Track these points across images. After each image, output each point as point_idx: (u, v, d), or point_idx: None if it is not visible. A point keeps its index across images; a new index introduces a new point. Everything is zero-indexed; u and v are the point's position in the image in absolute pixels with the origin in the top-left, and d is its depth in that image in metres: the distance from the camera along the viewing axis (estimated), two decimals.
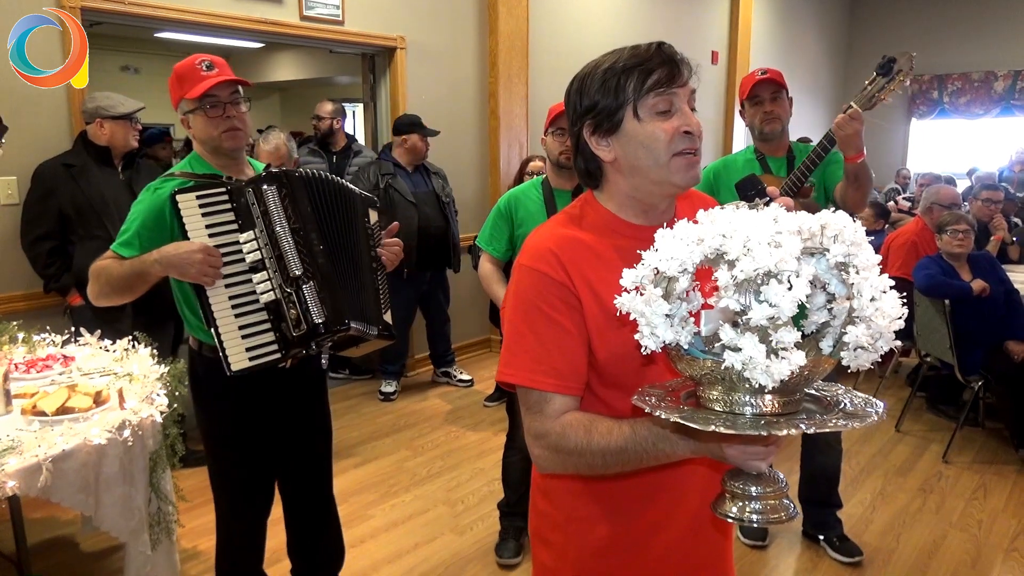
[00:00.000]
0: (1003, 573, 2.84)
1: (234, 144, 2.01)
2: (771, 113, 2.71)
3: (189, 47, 9.46)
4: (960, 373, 3.85)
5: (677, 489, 1.22)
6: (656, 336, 0.94)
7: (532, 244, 1.18)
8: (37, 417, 1.99)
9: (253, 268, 1.90)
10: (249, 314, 1.90)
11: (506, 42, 5.31)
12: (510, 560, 2.85)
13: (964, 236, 3.96)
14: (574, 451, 1.10)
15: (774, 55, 8.62)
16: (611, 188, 1.21)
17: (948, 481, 3.61)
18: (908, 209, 7.09)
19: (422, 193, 4.40)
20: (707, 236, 0.92)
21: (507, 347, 1.17)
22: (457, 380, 4.90)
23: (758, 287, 0.88)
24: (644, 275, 0.95)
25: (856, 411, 0.95)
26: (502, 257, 2.73)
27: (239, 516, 2.23)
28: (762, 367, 0.86)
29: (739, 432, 0.88)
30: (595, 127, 1.16)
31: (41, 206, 3.19)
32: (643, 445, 1.05)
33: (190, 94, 1.94)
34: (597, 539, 1.23)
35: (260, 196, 1.93)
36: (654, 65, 1.12)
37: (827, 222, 0.91)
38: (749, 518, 0.97)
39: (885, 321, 0.88)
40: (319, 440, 2.37)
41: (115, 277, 1.90)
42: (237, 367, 1.87)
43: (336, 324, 1.94)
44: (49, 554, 2.88)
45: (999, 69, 9.84)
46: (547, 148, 2.68)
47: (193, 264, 1.81)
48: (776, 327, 0.87)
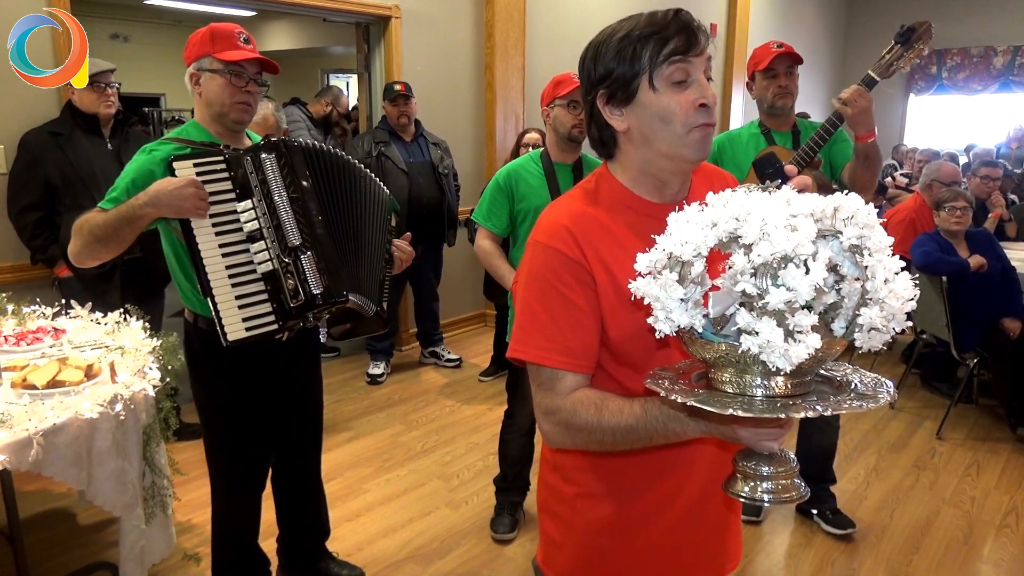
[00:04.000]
0: (995, 549, 2.86)
1: (241, 117, 2.00)
2: (786, 88, 2.67)
3: (180, 15, 9.29)
4: (956, 350, 3.85)
5: (685, 467, 1.21)
6: (671, 320, 0.93)
7: (547, 220, 1.17)
8: (27, 391, 1.96)
9: (251, 238, 1.88)
10: (246, 284, 1.88)
11: (503, 12, 5.21)
12: (505, 535, 2.86)
13: (962, 213, 3.95)
14: (584, 428, 1.10)
15: (773, 28, 8.52)
16: (624, 160, 1.19)
17: (942, 458, 3.63)
18: (906, 185, 7.06)
19: (417, 163, 4.34)
20: (721, 219, 0.91)
21: (519, 324, 1.16)
22: (445, 360, 4.82)
23: (775, 271, 0.87)
24: (658, 259, 0.94)
25: (867, 392, 0.95)
26: (501, 233, 2.69)
27: (235, 489, 2.22)
28: (780, 350, 0.85)
29: (756, 415, 0.87)
30: (609, 96, 1.14)
31: (27, 175, 3.12)
32: (653, 424, 1.04)
33: (222, 55, 1.93)
34: (604, 514, 1.23)
35: (259, 165, 1.90)
36: (671, 33, 1.08)
37: (840, 204, 0.91)
38: (760, 498, 0.97)
39: (898, 303, 0.88)
40: (312, 414, 2.38)
41: (100, 226, 1.85)
42: (234, 337, 1.85)
43: (334, 295, 1.92)
44: (44, 527, 2.87)
45: (999, 44, 9.76)
46: (556, 120, 2.59)
47: (186, 199, 1.79)
48: (793, 311, 0.86)
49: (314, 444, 2.43)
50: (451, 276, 4.98)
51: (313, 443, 2.43)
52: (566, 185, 2.63)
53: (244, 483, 2.23)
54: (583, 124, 2.56)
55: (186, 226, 1.85)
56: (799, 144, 2.71)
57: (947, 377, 4.44)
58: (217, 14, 8.47)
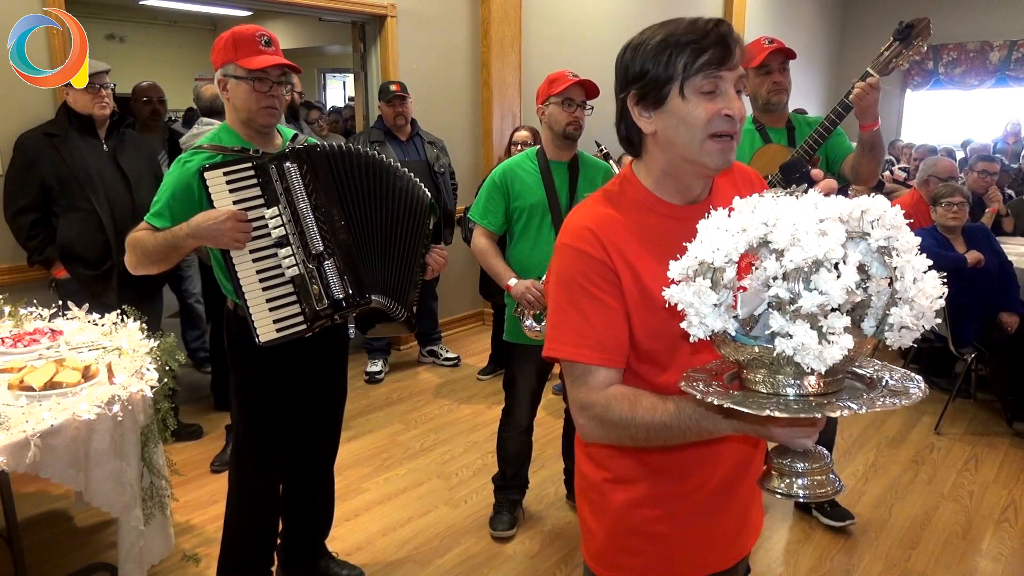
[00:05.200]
0: (993, 543, 2.87)
1: (269, 121, 2.05)
2: (780, 84, 2.68)
3: (175, 15, 9.28)
4: (953, 345, 3.86)
5: (712, 457, 1.26)
6: (705, 325, 0.95)
7: (571, 223, 1.21)
8: (24, 392, 1.96)
9: (279, 243, 1.96)
10: (276, 287, 1.96)
11: (499, 10, 5.21)
12: (504, 533, 2.86)
13: (959, 209, 3.95)
14: (618, 423, 1.14)
15: (770, 23, 8.51)
16: (649, 161, 1.22)
17: (940, 453, 3.63)
18: (904, 180, 7.06)
19: (412, 162, 4.33)
20: (750, 226, 0.94)
21: (552, 324, 1.21)
22: (443, 359, 4.82)
23: (807, 275, 0.89)
24: (691, 266, 0.97)
25: (899, 388, 0.97)
26: (497, 231, 2.69)
27: (258, 475, 2.27)
28: (814, 352, 0.87)
29: (792, 415, 0.89)
30: (640, 97, 1.17)
31: (23, 177, 3.12)
32: (687, 423, 1.08)
33: (245, 63, 1.97)
34: (632, 497, 1.28)
35: (282, 173, 1.97)
36: (708, 44, 1.11)
37: (867, 207, 0.93)
38: (796, 494, 0.99)
39: (927, 301, 0.91)
40: (337, 406, 2.45)
41: (150, 249, 1.95)
42: (266, 338, 1.94)
43: (357, 297, 2.02)
44: (43, 528, 2.87)
45: (995, 39, 9.77)
46: (551, 118, 2.59)
47: (224, 232, 1.87)
48: (826, 313, 0.88)
49: (334, 436, 2.48)
50: (449, 275, 4.97)
51: (333, 435, 2.48)
52: (562, 183, 2.63)
53: (265, 471, 2.27)
54: (577, 122, 2.59)
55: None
56: (794, 140, 2.71)
57: (945, 372, 4.45)
58: (212, 14, 8.47)
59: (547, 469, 3.37)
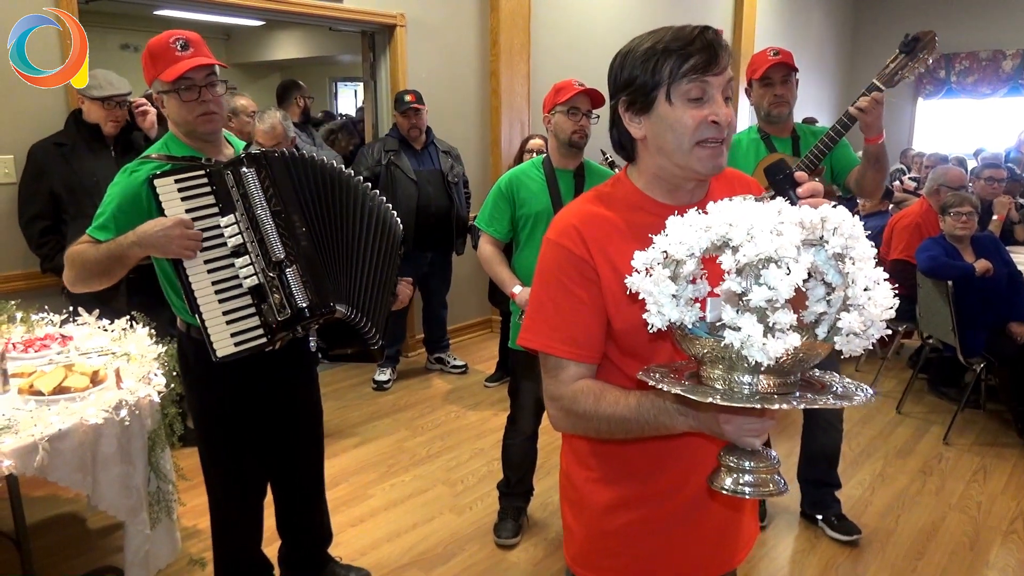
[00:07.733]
0: (1001, 555, 2.85)
1: (210, 128, 1.95)
2: (781, 97, 2.68)
3: (189, 25, 9.37)
4: (962, 355, 3.83)
5: (687, 459, 1.27)
6: (662, 315, 0.99)
7: (559, 220, 1.25)
8: (34, 397, 1.99)
9: (235, 252, 1.86)
10: (233, 299, 1.86)
11: (507, 19, 5.24)
12: (508, 540, 2.86)
13: (968, 218, 3.93)
14: (583, 415, 1.19)
15: (780, 33, 8.51)
16: (641, 164, 1.25)
17: (948, 463, 3.61)
18: (914, 190, 7.03)
19: (426, 171, 4.35)
20: (715, 224, 0.98)
21: (529, 314, 1.25)
22: (451, 366, 4.83)
23: (759, 271, 0.93)
24: (654, 257, 1.01)
25: (846, 393, 1.02)
26: (503, 238, 2.71)
27: (231, 498, 2.23)
28: (759, 345, 0.91)
29: (734, 404, 0.94)
30: (629, 103, 1.19)
31: (34, 186, 3.18)
32: (645, 417, 1.12)
33: (164, 76, 1.86)
34: (609, 498, 1.30)
35: (239, 179, 1.88)
36: (693, 50, 1.13)
37: (827, 215, 0.97)
38: (742, 490, 1.03)
39: (877, 310, 0.94)
40: (309, 422, 2.37)
41: (91, 261, 1.85)
42: (223, 353, 1.84)
43: (321, 307, 1.93)
44: (52, 531, 2.90)
45: (1007, 48, 9.70)
46: (557, 127, 2.61)
47: (172, 240, 1.76)
48: (774, 309, 0.92)
49: (315, 452, 2.42)
50: (458, 282, 4.99)
51: (314, 450, 2.42)
52: (567, 191, 2.65)
53: (240, 491, 2.23)
54: (583, 130, 2.61)
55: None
56: (799, 150, 2.71)
57: (954, 382, 4.42)
58: (225, 24, 8.55)
59: (552, 476, 3.37)
